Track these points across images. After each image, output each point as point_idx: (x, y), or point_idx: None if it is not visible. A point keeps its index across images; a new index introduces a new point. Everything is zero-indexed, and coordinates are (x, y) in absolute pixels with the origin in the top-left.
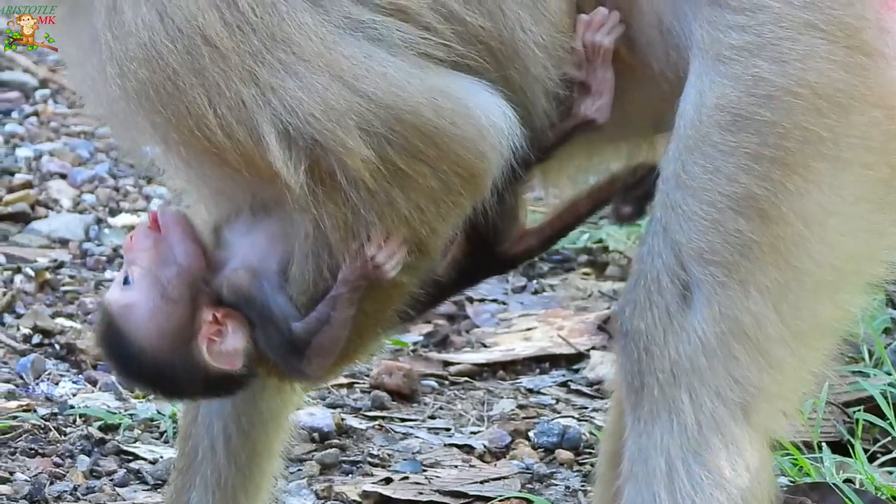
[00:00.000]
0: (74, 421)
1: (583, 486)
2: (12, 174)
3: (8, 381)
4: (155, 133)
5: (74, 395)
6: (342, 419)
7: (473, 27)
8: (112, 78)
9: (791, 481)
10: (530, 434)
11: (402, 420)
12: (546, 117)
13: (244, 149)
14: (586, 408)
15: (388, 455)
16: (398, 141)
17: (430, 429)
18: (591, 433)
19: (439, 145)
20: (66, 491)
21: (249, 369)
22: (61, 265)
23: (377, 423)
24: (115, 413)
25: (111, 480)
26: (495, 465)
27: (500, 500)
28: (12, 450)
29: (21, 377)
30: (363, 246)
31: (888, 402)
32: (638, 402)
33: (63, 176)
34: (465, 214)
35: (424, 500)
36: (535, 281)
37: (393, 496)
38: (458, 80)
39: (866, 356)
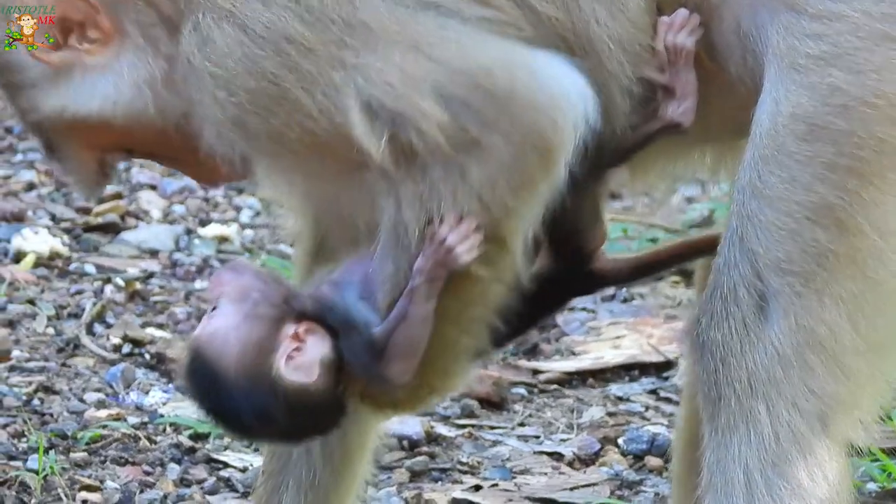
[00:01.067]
0: (164, 430)
1: None
2: None
3: (98, 391)
4: (269, 140)
5: (164, 404)
6: (432, 427)
7: (546, 17)
8: (225, 102)
9: (880, 487)
10: (619, 441)
11: (492, 427)
12: (623, 116)
13: (342, 130)
14: (675, 415)
15: (478, 462)
16: (472, 105)
17: (519, 436)
18: None
19: (512, 112)
20: (156, 499)
21: (335, 396)
22: (151, 275)
23: (466, 430)
24: (204, 422)
25: (201, 488)
26: (584, 471)
27: None
28: (103, 458)
29: (111, 386)
30: (437, 230)
31: None
32: (715, 412)
33: (153, 187)
34: (541, 199)
35: None
36: (624, 289)
37: (482, 503)
38: (532, 50)
39: None
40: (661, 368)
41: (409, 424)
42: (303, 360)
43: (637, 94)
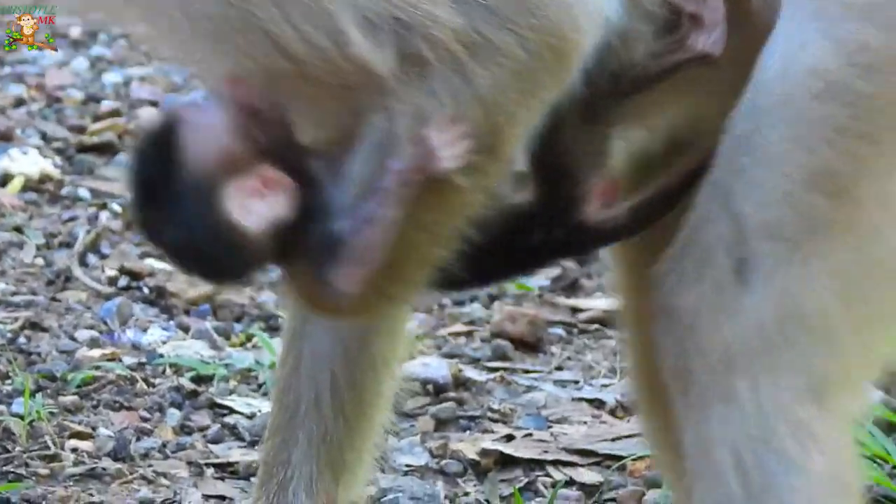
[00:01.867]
0: (164, 371)
1: None
2: (99, 101)
3: (91, 328)
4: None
5: (164, 342)
6: (460, 370)
7: None
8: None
9: None
10: None
11: (526, 371)
12: (644, 44)
13: (327, 54)
14: None
15: (510, 410)
16: (488, 3)
17: (556, 381)
18: None
19: (531, 9)
20: (153, 448)
21: (254, 259)
22: None
23: (498, 374)
24: (208, 363)
25: (203, 436)
26: (628, 421)
27: (633, 460)
28: (95, 403)
29: (105, 323)
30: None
31: None
32: (684, 388)
33: (154, 104)
34: (547, 106)
35: (549, 459)
36: None
37: (515, 455)
38: None
39: None
40: None
41: (435, 367)
42: (254, 205)
43: (659, 19)
